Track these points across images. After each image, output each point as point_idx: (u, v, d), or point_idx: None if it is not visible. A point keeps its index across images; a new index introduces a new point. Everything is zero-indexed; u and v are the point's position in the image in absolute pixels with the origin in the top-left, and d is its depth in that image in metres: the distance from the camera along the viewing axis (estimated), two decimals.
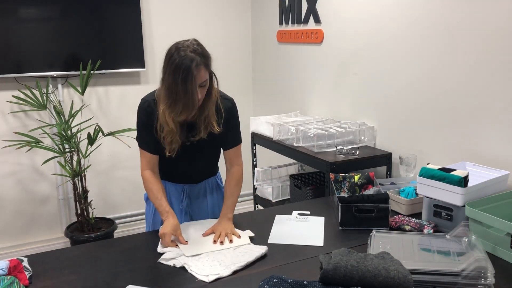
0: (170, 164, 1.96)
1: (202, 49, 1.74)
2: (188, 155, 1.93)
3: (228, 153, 2.00)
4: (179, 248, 1.71)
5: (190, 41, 1.75)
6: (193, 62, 1.67)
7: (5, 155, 3.43)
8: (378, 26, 2.69)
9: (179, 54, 1.68)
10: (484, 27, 2.09)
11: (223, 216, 1.91)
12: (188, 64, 1.66)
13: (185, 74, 1.66)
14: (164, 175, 2.03)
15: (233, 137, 1.99)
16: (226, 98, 1.94)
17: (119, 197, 3.87)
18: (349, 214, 1.89)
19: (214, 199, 2.12)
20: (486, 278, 1.35)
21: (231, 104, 1.95)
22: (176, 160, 1.91)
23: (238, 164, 2.01)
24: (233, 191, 1.97)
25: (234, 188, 1.98)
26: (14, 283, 1.40)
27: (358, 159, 2.56)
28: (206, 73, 1.73)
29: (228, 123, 1.93)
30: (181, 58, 1.67)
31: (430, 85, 2.40)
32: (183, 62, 1.66)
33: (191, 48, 1.70)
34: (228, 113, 1.92)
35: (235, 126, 1.98)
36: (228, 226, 1.85)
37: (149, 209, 2.10)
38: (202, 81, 1.72)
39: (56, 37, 3.38)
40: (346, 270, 1.36)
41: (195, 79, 1.68)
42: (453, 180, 1.76)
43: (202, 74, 1.71)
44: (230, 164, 2.01)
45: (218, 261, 1.61)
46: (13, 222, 3.58)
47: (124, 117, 3.73)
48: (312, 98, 3.39)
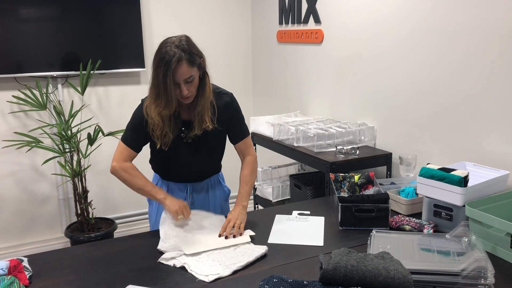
0: (174, 164, 1.97)
1: (188, 45, 1.73)
2: (192, 153, 1.94)
3: (238, 146, 2.04)
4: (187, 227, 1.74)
5: (179, 37, 1.76)
6: (174, 57, 1.67)
7: (5, 155, 3.43)
8: (378, 26, 2.69)
9: (164, 49, 1.70)
10: (484, 28, 2.09)
11: (238, 203, 1.94)
12: (169, 59, 1.67)
13: (165, 69, 1.68)
14: (167, 175, 2.05)
15: (240, 130, 2.02)
16: (224, 93, 1.96)
17: (119, 197, 3.87)
18: (349, 214, 1.89)
19: (216, 195, 2.14)
20: (486, 278, 1.35)
21: (230, 99, 1.96)
22: (180, 159, 1.93)
23: (250, 154, 2.06)
24: (248, 180, 2.01)
25: (249, 177, 2.02)
26: (14, 283, 1.40)
27: (358, 159, 2.56)
28: (190, 69, 1.72)
29: (231, 117, 1.95)
30: (164, 53, 1.69)
31: (430, 85, 2.39)
32: (164, 57, 1.68)
33: (176, 44, 1.71)
34: (229, 108, 1.94)
35: (239, 119, 2.00)
36: (241, 215, 1.88)
37: (152, 209, 2.10)
38: (185, 77, 1.72)
39: (56, 37, 3.38)
40: (346, 270, 1.37)
41: (174, 74, 1.69)
42: (453, 180, 1.76)
43: (184, 70, 1.70)
44: (242, 156, 2.07)
45: (218, 261, 1.61)
46: (13, 222, 3.58)
47: (124, 117, 3.69)
48: (312, 98, 3.39)
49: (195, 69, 1.75)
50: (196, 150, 1.95)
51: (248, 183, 2.01)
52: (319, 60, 3.24)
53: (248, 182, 2.01)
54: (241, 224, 1.84)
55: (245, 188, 1.99)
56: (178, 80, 1.71)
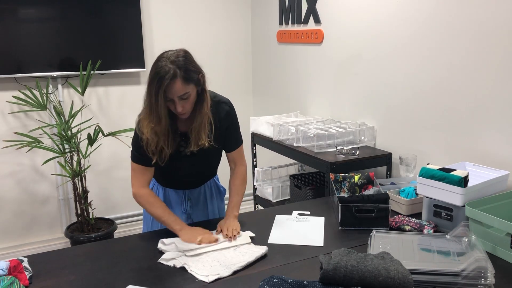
0: (173, 172, 1.96)
1: (185, 61, 1.66)
2: (191, 163, 1.92)
3: (231, 154, 2.01)
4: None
5: (177, 51, 1.70)
6: (168, 74, 1.61)
7: (5, 155, 3.43)
8: (378, 26, 2.69)
9: (158, 64, 1.64)
10: (485, 27, 2.09)
11: (229, 214, 1.91)
12: (163, 75, 1.61)
13: (158, 85, 1.62)
14: (165, 182, 2.04)
15: (235, 139, 1.99)
16: (223, 102, 1.90)
17: (119, 197, 3.87)
18: (349, 214, 1.89)
19: (214, 201, 2.13)
20: (486, 278, 1.35)
21: (229, 108, 1.91)
22: (180, 169, 1.92)
23: (242, 164, 2.03)
24: (239, 190, 1.98)
25: (240, 187, 1.99)
26: (14, 283, 1.40)
27: (358, 159, 2.56)
28: (185, 86, 1.65)
29: (228, 127, 1.92)
30: (158, 68, 1.63)
31: (430, 85, 2.40)
32: (158, 72, 1.62)
33: (172, 59, 1.64)
34: (228, 118, 1.90)
35: (234, 128, 1.97)
36: (234, 224, 1.85)
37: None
38: (179, 94, 1.65)
39: (56, 37, 3.38)
40: (346, 270, 1.37)
41: (167, 91, 1.63)
42: (453, 180, 1.76)
43: (178, 87, 1.63)
44: (234, 164, 2.02)
45: (218, 261, 1.61)
46: (13, 222, 3.58)
47: (124, 117, 3.73)
48: (312, 98, 3.39)
49: (191, 86, 1.67)
50: (194, 161, 1.91)
51: (239, 193, 1.97)
52: (319, 60, 3.24)
53: (239, 192, 1.98)
54: (237, 229, 1.81)
55: (237, 198, 1.96)
56: (172, 96, 1.66)
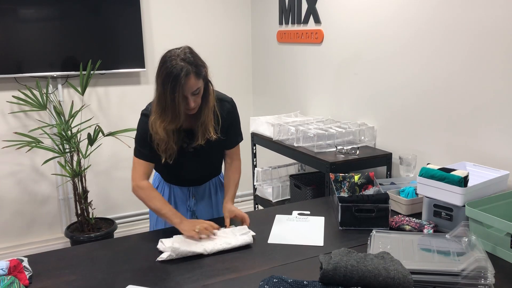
0: (177, 169, 1.97)
1: (193, 57, 1.71)
2: (195, 159, 1.94)
3: (230, 151, 2.05)
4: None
5: (182, 48, 1.73)
6: (182, 71, 1.65)
7: (5, 155, 3.43)
8: (378, 26, 2.69)
9: (170, 63, 1.66)
10: (484, 27, 2.09)
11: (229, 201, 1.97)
12: (177, 73, 1.64)
13: (173, 84, 1.65)
14: (170, 179, 2.05)
15: (236, 137, 2.04)
16: (226, 100, 1.95)
17: (119, 197, 3.87)
18: (349, 214, 1.89)
19: (218, 198, 2.15)
20: (486, 278, 1.35)
21: (231, 106, 1.96)
22: (184, 165, 1.93)
23: (238, 159, 2.08)
24: (237, 182, 2.05)
25: (238, 180, 2.06)
26: (14, 283, 1.40)
27: (358, 159, 2.56)
28: (197, 81, 1.70)
29: (230, 125, 1.95)
30: (171, 68, 1.65)
31: (430, 85, 2.40)
32: (172, 71, 1.65)
33: (182, 57, 1.68)
34: (230, 116, 1.94)
35: (237, 126, 2.02)
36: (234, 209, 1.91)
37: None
38: (193, 90, 1.70)
39: (56, 37, 3.38)
40: (346, 270, 1.37)
41: (184, 89, 1.67)
42: (453, 180, 1.76)
43: (192, 83, 1.68)
44: (230, 159, 2.07)
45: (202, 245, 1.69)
46: (13, 222, 3.58)
47: (124, 117, 3.73)
48: (312, 98, 3.39)
49: (201, 81, 1.73)
50: (197, 157, 1.94)
51: (237, 185, 2.04)
52: (319, 60, 3.24)
53: (237, 185, 2.05)
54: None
55: (234, 190, 2.03)
56: (186, 93, 1.70)
